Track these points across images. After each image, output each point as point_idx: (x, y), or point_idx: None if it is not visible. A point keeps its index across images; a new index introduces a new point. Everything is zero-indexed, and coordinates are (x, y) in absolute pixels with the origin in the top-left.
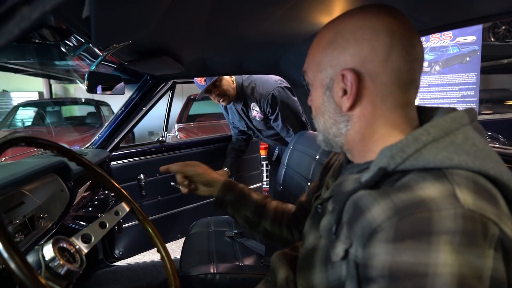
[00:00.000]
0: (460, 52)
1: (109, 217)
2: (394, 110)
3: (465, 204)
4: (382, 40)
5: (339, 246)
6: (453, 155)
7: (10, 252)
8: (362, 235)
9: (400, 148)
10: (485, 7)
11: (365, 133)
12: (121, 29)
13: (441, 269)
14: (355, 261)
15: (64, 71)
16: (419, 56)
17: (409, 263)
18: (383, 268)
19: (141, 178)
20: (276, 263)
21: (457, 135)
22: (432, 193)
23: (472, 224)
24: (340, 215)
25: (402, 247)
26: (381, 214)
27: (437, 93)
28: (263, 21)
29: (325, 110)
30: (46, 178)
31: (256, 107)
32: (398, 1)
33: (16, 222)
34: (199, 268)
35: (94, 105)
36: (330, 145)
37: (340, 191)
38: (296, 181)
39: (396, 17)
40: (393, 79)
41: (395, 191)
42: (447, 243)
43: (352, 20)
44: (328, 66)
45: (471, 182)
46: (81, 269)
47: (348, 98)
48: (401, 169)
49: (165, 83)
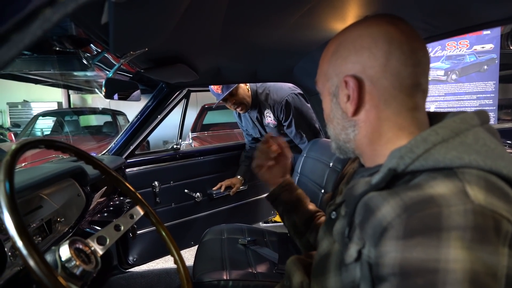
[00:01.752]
0: (477, 61)
1: (124, 220)
2: (399, 114)
3: (475, 200)
4: (380, 47)
5: (352, 248)
6: (463, 154)
7: (29, 250)
8: (373, 234)
9: (409, 148)
10: (489, 13)
11: (373, 137)
12: (138, 36)
13: (453, 265)
14: (368, 262)
15: (83, 82)
16: (422, 60)
17: (419, 259)
18: (394, 265)
19: (155, 185)
20: (291, 267)
21: (467, 135)
22: (442, 190)
23: (483, 220)
24: (352, 217)
25: (412, 243)
26: (391, 212)
27: (454, 102)
28: (276, 29)
29: (334, 116)
30: (64, 182)
31: (270, 114)
32: (408, 8)
33: (34, 225)
34: (212, 274)
35: (111, 114)
36: (344, 152)
37: (352, 195)
38: (310, 188)
39: (395, 25)
40: (394, 83)
41: (405, 190)
42: (458, 239)
43: (352, 31)
44: (333, 75)
45: (482, 180)
46: (95, 271)
47: (351, 103)
48: (411, 170)
49: (180, 91)
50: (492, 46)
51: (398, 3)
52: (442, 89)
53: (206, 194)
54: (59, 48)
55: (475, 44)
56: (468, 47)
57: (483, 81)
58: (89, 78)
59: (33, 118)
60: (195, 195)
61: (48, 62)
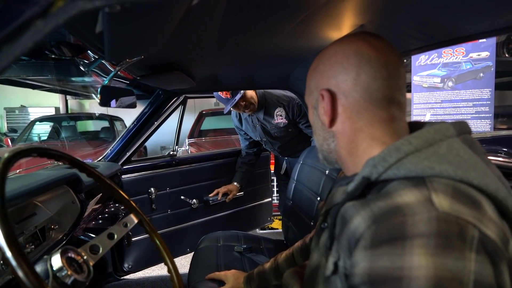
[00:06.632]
0: (473, 68)
1: (118, 228)
2: (372, 125)
3: (439, 207)
4: (351, 62)
5: (329, 260)
6: (434, 164)
7: (18, 260)
8: (348, 246)
9: (382, 157)
10: (483, 24)
11: (349, 147)
12: (133, 44)
13: (416, 272)
14: (344, 273)
15: (80, 87)
16: (394, 74)
17: (385, 267)
18: (363, 274)
19: (152, 192)
20: (289, 280)
21: (440, 146)
22: (409, 199)
23: (447, 227)
24: (333, 230)
25: (379, 252)
26: (362, 224)
27: (450, 109)
28: (273, 37)
29: (316, 128)
30: (58, 190)
31: (281, 112)
32: (402, 17)
33: (27, 232)
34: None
35: (108, 120)
36: (329, 162)
37: (332, 204)
38: (306, 196)
39: (367, 41)
40: (364, 96)
41: (375, 200)
42: (421, 246)
43: (330, 48)
44: (314, 88)
45: (450, 188)
46: (88, 280)
47: (326, 115)
48: (384, 178)
49: (177, 98)
50: (488, 54)
51: (392, 12)
52: (439, 96)
53: (203, 201)
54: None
55: (471, 52)
56: (464, 54)
57: (479, 88)
58: (86, 84)
59: (30, 123)
60: (191, 202)
61: (46, 68)
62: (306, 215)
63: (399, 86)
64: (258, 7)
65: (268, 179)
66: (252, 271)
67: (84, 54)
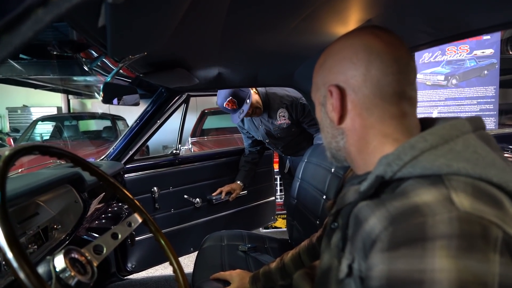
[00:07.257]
0: (477, 66)
1: (122, 228)
2: (383, 121)
3: (461, 207)
4: (360, 57)
5: (343, 262)
6: (451, 162)
7: (20, 262)
8: (363, 247)
9: (397, 155)
10: (491, 17)
11: (360, 145)
12: (136, 40)
13: (438, 275)
14: (359, 276)
15: (82, 87)
16: (405, 68)
17: (404, 270)
18: (381, 278)
19: (155, 191)
20: (300, 282)
21: (457, 142)
22: (427, 199)
23: (469, 227)
24: (345, 230)
25: (397, 255)
26: (378, 225)
27: (454, 107)
28: (277, 33)
29: (324, 125)
30: (61, 189)
31: (284, 113)
32: (410, 11)
33: (30, 232)
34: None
35: (110, 119)
36: (338, 160)
37: (343, 204)
38: (311, 194)
39: (376, 35)
40: (374, 91)
41: (391, 200)
42: (443, 248)
43: (337, 43)
44: (321, 85)
45: (470, 186)
46: (91, 281)
47: (335, 111)
48: (398, 177)
49: (180, 96)
50: (492, 51)
51: (401, 7)
52: (443, 94)
53: (206, 200)
54: (58, 53)
55: (475, 49)
56: (468, 52)
57: (484, 86)
58: (88, 83)
59: (32, 123)
60: (194, 201)
61: (48, 67)
62: (312, 213)
63: (410, 81)
64: (262, 3)
65: (271, 177)
66: (257, 271)
67: (86, 52)
